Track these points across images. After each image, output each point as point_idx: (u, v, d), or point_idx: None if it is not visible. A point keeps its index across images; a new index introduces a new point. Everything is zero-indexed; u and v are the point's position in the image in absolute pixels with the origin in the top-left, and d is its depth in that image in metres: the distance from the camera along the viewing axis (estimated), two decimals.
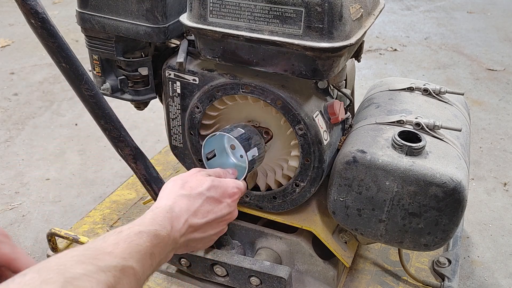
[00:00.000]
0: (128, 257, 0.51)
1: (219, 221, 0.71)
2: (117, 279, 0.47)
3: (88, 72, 0.79)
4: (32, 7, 0.66)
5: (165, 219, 0.62)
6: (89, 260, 0.46)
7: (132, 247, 0.53)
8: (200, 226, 0.68)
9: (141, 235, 0.55)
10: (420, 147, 0.74)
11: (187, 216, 0.66)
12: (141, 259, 0.53)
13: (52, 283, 0.41)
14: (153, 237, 0.57)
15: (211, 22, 0.74)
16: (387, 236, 0.80)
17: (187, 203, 0.67)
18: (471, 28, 3.16)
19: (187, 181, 0.71)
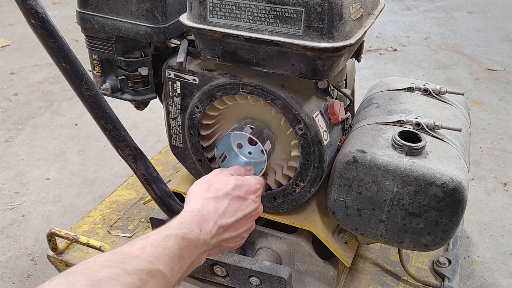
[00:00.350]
0: (155, 261, 0.51)
1: (247, 218, 0.73)
2: (143, 282, 0.48)
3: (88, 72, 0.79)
4: (32, 7, 0.66)
5: (193, 222, 0.63)
6: (115, 264, 0.47)
7: (159, 251, 0.53)
8: (229, 225, 0.69)
9: (168, 239, 0.56)
10: (420, 147, 0.74)
11: (216, 218, 0.67)
12: (169, 262, 0.53)
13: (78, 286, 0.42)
14: (181, 240, 0.57)
15: (211, 22, 0.74)
16: (387, 236, 0.80)
17: (215, 205, 0.68)
18: (471, 28, 3.16)
19: (212, 183, 0.72)
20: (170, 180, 1.04)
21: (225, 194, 0.70)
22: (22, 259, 1.32)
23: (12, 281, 1.26)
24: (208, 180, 0.73)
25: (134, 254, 0.51)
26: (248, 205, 0.73)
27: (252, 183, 0.75)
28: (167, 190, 0.83)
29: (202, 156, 0.91)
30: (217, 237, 0.66)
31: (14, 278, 1.27)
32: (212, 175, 0.75)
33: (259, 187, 0.76)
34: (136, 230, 1.16)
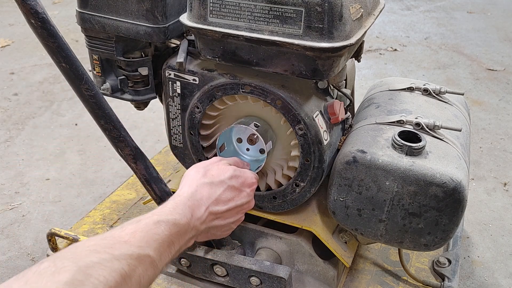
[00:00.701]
0: (145, 246, 0.52)
1: (238, 210, 0.74)
2: (132, 267, 0.48)
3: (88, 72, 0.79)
4: (32, 7, 0.66)
5: (186, 207, 0.63)
6: (104, 249, 0.48)
7: (150, 236, 0.54)
8: (220, 213, 0.70)
9: (159, 224, 0.56)
10: (420, 147, 0.74)
11: (208, 204, 0.67)
12: (159, 248, 0.54)
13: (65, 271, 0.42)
14: (172, 226, 0.58)
15: (211, 22, 0.74)
16: (387, 236, 0.80)
17: (209, 191, 0.69)
18: (471, 28, 3.16)
19: (209, 170, 0.73)
20: (170, 180, 1.04)
21: (221, 182, 0.71)
22: (22, 259, 1.32)
23: None
24: (206, 166, 0.74)
25: (124, 238, 0.51)
26: (242, 197, 0.74)
27: (249, 176, 0.76)
28: (167, 190, 0.83)
29: (202, 156, 0.91)
30: (206, 223, 0.67)
31: None
32: (210, 162, 0.76)
33: (255, 182, 0.78)
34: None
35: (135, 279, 0.48)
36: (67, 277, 0.42)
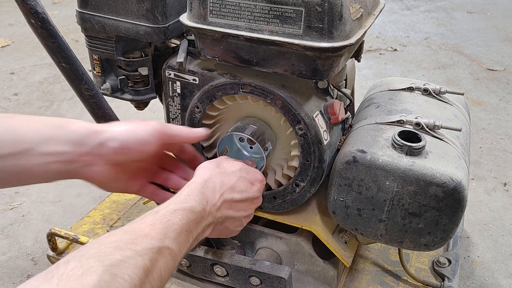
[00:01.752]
0: (164, 238, 0.52)
1: (250, 202, 0.74)
2: (153, 261, 0.49)
3: (88, 72, 0.79)
4: (32, 7, 0.66)
5: (200, 194, 0.63)
6: (126, 245, 0.48)
7: (168, 227, 0.54)
8: (235, 202, 0.70)
9: (176, 213, 0.56)
10: (420, 147, 0.74)
11: (222, 191, 0.67)
12: (177, 238, 0.54)
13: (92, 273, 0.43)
14: (189, 213, 0.58)
15: (211, 22, 0.74)
16: (387, 236, 0.80)
17: (223, 179, 0.69)
18: (471, 28, 3.16)
19: (221, 162, 0.74)
20: None
21: (233, 172, 0.72)
22: (22, 259, 1.32)
23: (12, 281, 1.26)
24: (217, 160, 0.75)
25: (144, 232, 0.51)
26: (254, 191, 0.74)
27: (258, 172, 0.78)
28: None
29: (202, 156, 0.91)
30: (221, 211, 0.67)
31: (14, 278, 1.27)
32: (219, 158, 0.77)
33: (264, 180, 0.78)
34: None
35: (156, 273, 0.49)
36: (94, 279, 0.42)
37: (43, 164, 0.61)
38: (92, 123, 0.67)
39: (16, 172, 0.60)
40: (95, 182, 0.68)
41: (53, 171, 0.62)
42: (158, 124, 0.69)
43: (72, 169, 0.64)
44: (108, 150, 0.65)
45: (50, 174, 0.63)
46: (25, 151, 0.59)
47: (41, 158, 0.61)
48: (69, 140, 0.63)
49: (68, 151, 0.62)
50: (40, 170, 0.61)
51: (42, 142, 0.61)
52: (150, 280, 0.48)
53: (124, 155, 0.66)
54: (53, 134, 0.62)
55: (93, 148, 0.64)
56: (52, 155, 0.61)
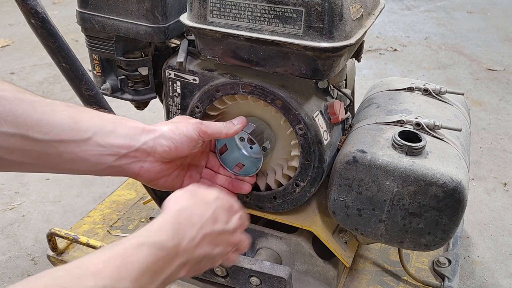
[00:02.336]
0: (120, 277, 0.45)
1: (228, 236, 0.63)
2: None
3: (88, 72, 0.80)
4: (32, 7, 0.66)
5: (175, 225, 0.54)
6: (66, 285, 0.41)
7: (128, 264, 0.46)
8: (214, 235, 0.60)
9: (141, 248, 0.48)
10: (420, 147, 0.74)
11: (202, 222, 0.58)
12: (140, 279, 0.46)
13: None
14: (158, 250, 0.50)
15: (211, 22, 0.74)
16: (387, 236, 0.80)
17: (202, 208, 0.60)
18: (471, 28, 3.16)
19: (195, 190, 0.64)
20: None
21: (210, 201, 0.62)
22: (22, 259, 1.32)
23: (12, 281, 1.26)
24: (190, 189, 0.64)
25: (96, 267, 0.44)
26: (233, 222, 0.64)
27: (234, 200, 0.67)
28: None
29: None
30: (201, 248, 0.57)
31: (14, 278, 1.27)
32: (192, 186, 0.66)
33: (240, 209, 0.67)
34: (136, 230, 1.15)
35: None
36: None
37: (97, 155, 0.63)
38: (142, 123, 0.70)
39: (70, 159, 0.62)
40: (144, 179, 0.70)
41: (104, 163, 0.64)
42: (198, 122, 0.72)
43: (122, 164, 0.66)
44: (160, 147, 0.67)
45: (101, 166, 0.64)
46: (84, 140, 0.62)
47: (97, 149, 0.63)
48: (125, 135, 0.65)
49: (123, 145, 0.65)
50: (93, 160, 0.63)
51: (101, 134, 0.63)
52: None
53: (174, 152, 0.68)
54: (111, 128, 0.65)
55: (145, 145, 0.66)
56: (108, 147, 0.64)
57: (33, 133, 0.58)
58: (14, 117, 0.57)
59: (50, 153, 0.60)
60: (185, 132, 0.69)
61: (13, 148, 0.58)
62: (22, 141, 0.58)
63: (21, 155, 0.59)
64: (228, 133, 0.76)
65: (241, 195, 0.89)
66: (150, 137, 0.67)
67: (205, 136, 0.72)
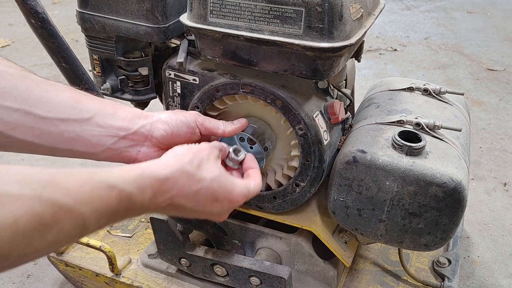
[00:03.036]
0: (84, 204, 0.46)
1: (204, 215, 0.64)
2: (56, 219, 0.43)
3: (88, 72, 0.80)
4: (32, 7, 0.66)
5: (150, 189, 0.54)
6: (36, 184, 0.42)
7: (95, 197, 0.47)
8: (183, 208, 0.60)
9: (112, 190, 0.49)
10: (420, 147, 0.74)
11: (174, 193, 0.57)
12: (100, 213, 0.48)
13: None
14: (125, 199, 0.51)
15: (211, 22, 0.74)
16: (387, 236, 0.80)
17: (186, 182, 0.59)
18: (471, 28, 3.16)
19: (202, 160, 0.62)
20: None
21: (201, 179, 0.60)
22: None
23: (12, 281, 1.26)
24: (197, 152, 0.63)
25: (66, 185, 0.45)
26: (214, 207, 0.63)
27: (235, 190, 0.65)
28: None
29: None
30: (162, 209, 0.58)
31: (14, 278, 1.27)
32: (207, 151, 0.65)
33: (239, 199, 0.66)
34: (136, 230, 1.16)
35: (55, 232, 0.43)
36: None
37: (97, 135, 0.64)
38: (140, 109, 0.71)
39: (71, 138, 0.63)
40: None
41: (104, 144, 0.65)
42: (196, 113, 0.73)
43: (121, 147, 0.67)
44: (157, 131, 0.68)
45: (100, 147, 0.65)
46: (84, 119, 0.63)
47: (97, 129, 0.64)
48: (124, 117, 0.67)
49: (122, 126, 0.66)
50: (93, 141, 0.64)
51: (101, 115, 0.65)
52: (44, 236, 0.42)
53: (170, 136, 0.69)
54: (111, 111, 0.66)
55: (143, 128, 0.68)
56: (107, 128, 0.65)
57: (36, 110, 0.60)
58: (18, 92, 0.59)
59: (51, 131, 0.61)
60: (182, 119, 0.71)
61: (16, 123, 0.59)
62: (25, 117, 0.59)
63: (23, 131, 0.60)
64: (225, 131, 0.76)
65: None
66: (148, 121, 0.69)
67: (202, 127, 0.73)
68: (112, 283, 1.02)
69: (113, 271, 1.01)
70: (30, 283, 1.26)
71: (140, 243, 1.11)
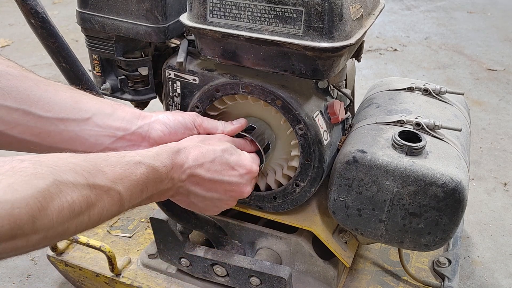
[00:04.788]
0: (119, 182, 0.52)
1: (225, 188, 0.70)
2: (98, 197, 0.49)
3: (88, 72, 0.79)
4: (32, 7, 0.66)
5: (169, 158, 0.61)
6: (82, 172, 0.48)
7: (127, 175, 0.53)
8: (202, 180, 0.67)
9: (139, 165, 0.56)
10: (420, 147, 0.74)
11: (192, 164, 0.65)
12: (131, 188, 0.54)
13: (42, 178, 0.43)
14: (151, 171, 0.57)
15: (211, 22, 0.74)
16: (387, 236, 0.80)
17: (198, 153, 0.66)
18: (471, 28, 3.16)
19: (209, 138, 0.72)
20: None
21: (213, 151, 0.68)
22: (22, 259, 1.32)
23: (12, 281, 1.26)
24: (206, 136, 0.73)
25: (104, 169, 0.51)
26: (231, 175, 0.70)
27: (246, 158, 0.73)
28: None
29: None
30: (185, 184, 0.65)
31: (14, 278, 1.27)
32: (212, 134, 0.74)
33: (252, 166, 0.73)
34: (136, 230, 1.16)
35: (98, 210, 0.49)
36: (41, 184, 0.42)
37: (96, 135, 0.66)
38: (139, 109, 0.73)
39: (70, 137, 0.64)
40: None
41: (102, 144, 0.67)
42: (195, 114, 0.74)
43: (119, 147, 0.68)
44: (155, 132, 0.69)
45: (98, 147, 0.67)
46: (83, 119, 0.65)
47: (96, 129, 0.66)
48: (123, 118, 0.68)
49: (120, 127, 0.67)
50: (92, 141, 0.66)
51: (100, 115, 0.66)
52: (89, 214, 0.48)
53: (167, 137, 0.70)
54: (110, 111, 0.67)
55: (141, 129, 0.69)
56: (106, 128, 0.66)
57: (35, 109, 0.61)
58: (17, 92, 0.60)
59: (50, 130, 0.63)
60: (180, 119, 0.72)
61: (15, 122, 0.60)
62: (24, 116, 0.60)
63: (22, 130, 0.61)
64: (224, 131, 0.76)
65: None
66: (146, 122, 0.70)
67: (201, 128, 0.74)
68: (112, 283, 1.02)
69: (113, 271, 1.01)
70: (30, 283, 1.26)
71: (140, 243, 1.11)
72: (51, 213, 0.43)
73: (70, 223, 0.46)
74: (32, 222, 0.41)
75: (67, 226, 0.46)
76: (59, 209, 0.44)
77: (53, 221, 0.43)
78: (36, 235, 0.43)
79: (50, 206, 0.43)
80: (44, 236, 0.44)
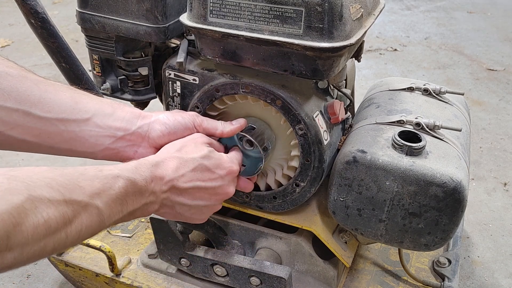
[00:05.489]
0: (97, 197, 0.51)
1: (209, 192, 0.70)
2: (76, 213, 0.48)
3: (88, 72, 0.80)
4: (32, 7, 0.66)
5: (148, 171, 0.60)
6: (58, 187, 0.47)
7: (105, 189, 0.52)
8: (186, 190, 0.66)
9: (117, 179, 0.55)
10: (420, 147, 0.74)
11: (173, 176, 0.64)
12: (110, 202, 0.53)
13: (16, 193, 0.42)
14: (130, 184, 0.56)
15: (211, 22, 0.74)
16: (387, 236, 0.80)
17: (177, 164, 0.65)
18: (471, 28, 3.16)
19: (186, 145, 0.70)
20: None
21: (192, 159, 0.67)
22: None
23: (12, 281, 1.26)
24: (184, 142, 0.71)
25: (80, 183, 0.50)
26: (213, 180, 0.70)
27: (225, 160, 0.72)
28: None
29: None
30: (168, 196, 0.64)
31: (14, 278, 1.27)
32: (190, 138, 0.72)
33: (231, 167, 0.73)
34: (136, 230, 1.16)
35: (75, 227, 0.48)
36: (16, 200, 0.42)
37: (96, 135, 0.66)
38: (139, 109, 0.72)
39: (70, 138, 0.64)
40: None
41: (102, 144, 0.67)
42: (195, 114, 0.74)
43: (118, 147, 0.68)
44: (154, 132, 0.69)
45: (98, 147, 0.67)
46: (83, 120, 0.65)
47: (96, 130, 0.66)
48: (123, 118, 0.68)
49: (120, 127, 0.67)
50: (92, 141, 0.66)
51: (100, 116, 0.66)
52: (67, 231, 0.47)
53: (167, 137, 0.70)
54: (110, 111, 0.67)
55: (140, 129, 0.69)
56: (106, 128, 0.66)
57: (35, 110, 0.61)
58: (17, 93, 0.60)
59: (50, 131, 0.63)
60: (179, 119, 0.72)
61: (15, 123, 0.60)
62: (24, 117, 0.60)
63: (22, 131, 0.61)
64: (224, 131, 0.76)
65: (241, 195, 0.89)
66: (145, 122, 0.70)
67: (200, 128, 0.74)
68: (112, 283, 1.02)
69: (113, 271, 1.01)
70: (30, 283, 1.26)
71: (140, 243, 1.11)
72: (26, 229, 0.42)
73: (47, 241, 0.45)
74: (6, 238, 0.40)
75: (43, 244, 0.44)
76: (35, 225, 0.43)
77: (28, 238, 0.42)
78: (11, 253, 0.41)
79: (25, 222, 0.42)
80: (19, 254, 0.42)
